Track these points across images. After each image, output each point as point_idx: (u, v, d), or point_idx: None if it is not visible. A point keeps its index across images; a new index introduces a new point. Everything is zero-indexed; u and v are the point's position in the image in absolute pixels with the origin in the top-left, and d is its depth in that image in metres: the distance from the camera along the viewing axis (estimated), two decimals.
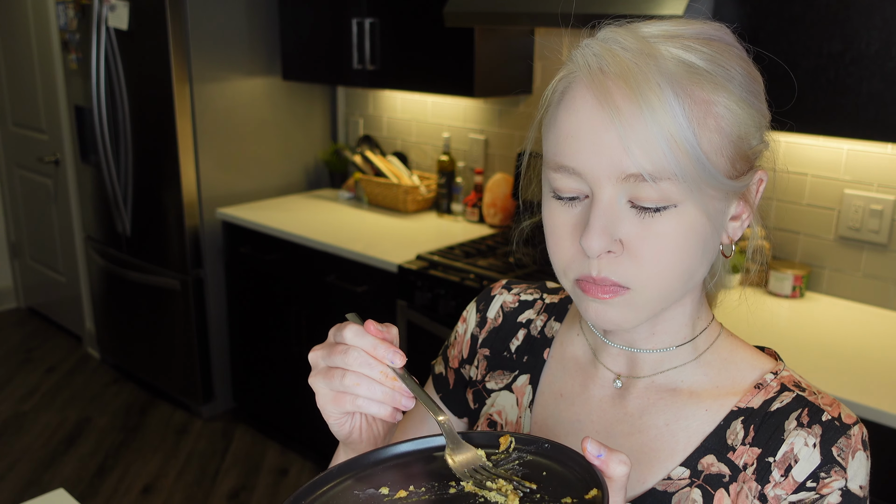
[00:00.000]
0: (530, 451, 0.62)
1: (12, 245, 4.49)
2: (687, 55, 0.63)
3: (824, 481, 0.67)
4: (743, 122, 0.65)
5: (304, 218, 2.99)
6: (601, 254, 0.65)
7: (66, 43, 3.38)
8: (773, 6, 1.83)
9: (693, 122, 0.61)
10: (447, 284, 2.32)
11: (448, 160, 3.00)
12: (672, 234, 0.64)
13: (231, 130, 3.15)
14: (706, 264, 0.69)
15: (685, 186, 0.62)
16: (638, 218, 0.64)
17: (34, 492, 2.82)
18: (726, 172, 0.64)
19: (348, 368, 0.66)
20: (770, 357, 0.78)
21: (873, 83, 1.72)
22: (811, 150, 2.16)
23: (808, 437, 0.68)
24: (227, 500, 2.81)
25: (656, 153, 0.61)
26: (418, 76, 2.72)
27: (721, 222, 0.68)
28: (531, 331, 0.87)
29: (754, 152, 0.67)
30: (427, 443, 0.66)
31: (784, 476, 0.68)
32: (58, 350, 4.04)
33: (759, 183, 0.70)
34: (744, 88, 0.65)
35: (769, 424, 0.70)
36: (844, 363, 1.78)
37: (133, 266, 3.38)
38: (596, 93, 0.63)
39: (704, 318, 0.77)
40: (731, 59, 0.65)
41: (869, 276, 2.13)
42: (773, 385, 0.73)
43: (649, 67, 0.61)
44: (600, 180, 0.64)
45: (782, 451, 0.69)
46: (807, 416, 0.70)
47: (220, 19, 3.01)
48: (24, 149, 4.07)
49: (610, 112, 0.61)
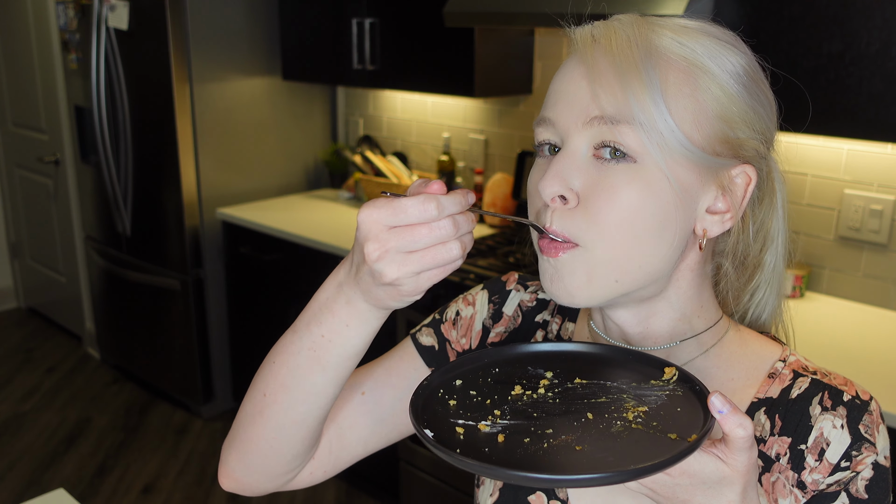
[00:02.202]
0: (686, 387, 0.67)
1: (12, 245, 4.49)
2: (679, 36, 0.66)
3: (857, 459, 0.69)
4: (726, 107, 0.66)
5: (304, 218, 2.99)
6: (554, 199, 0.66)
7: (66, 43, 3.38)
8: (773, 6, 1.83)
9: (667, 84, 0.64)
10: (447, 284, 2.32)
11: (448, 160, 3.00)
12: (626, 188, 0.65)
13: (231, 130, 3.15)
14: (668, 243, 0.67)
15: (645, 138, 0.64)
16: (597, 168, 0.66)
17: (34, 492, 2.82)
18: (696, 143, 0.65)
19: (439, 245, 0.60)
20: (776, 343, 0.79)
21: (873, 83, 1.72)
22: (811, 150, 2.16)
23: (834, 419, 0.70)
24: (227, 500, 2.81)
25: (620, 98, 0.64)
26: (418, 76, 2.72)
27: (691, 201, 0.67)
28: (548, 333, 0.88)
29: (740, 143, 0.68)
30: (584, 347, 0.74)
31: (818, 460, 0.70)
32: (58, 350, 4.04)
33: (747, 181, 0.70)
34: (735, 79, 0.67)
35: (794, 412, 0.72)
36: (844, 363, 1.78)
37: (133, 266, 3.38)
38: (582, 56, 0.68)
39: (710, 318, 0.76)
40: (731, 56, 0.67)
41: (869, 276, 2.13)
42: (785, 373, 0.75)
43: (636, 34, 0.66)
44: (569, 128, 0.67)
45: (813, 437, 0.70)
46: (829, 399, 0.71)
47: (220, 19, 3.01)
48: (24, 149, 4.07)
49: (588, 66, 0.66)
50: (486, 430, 0.63)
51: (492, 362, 0.75)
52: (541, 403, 0.67)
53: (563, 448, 0.60)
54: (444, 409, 0.67)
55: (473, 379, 0.72)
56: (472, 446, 0.61)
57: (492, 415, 0.66)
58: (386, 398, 0.86)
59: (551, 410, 0.66)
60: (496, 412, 0.66)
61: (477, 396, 0.69)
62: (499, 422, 0.65)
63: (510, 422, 0.65)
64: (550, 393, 0.69)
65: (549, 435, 0.62)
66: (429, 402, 0.68)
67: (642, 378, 0.69)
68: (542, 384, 0.70)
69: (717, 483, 0.59)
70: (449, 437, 0.63)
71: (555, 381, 0.71)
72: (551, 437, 0.62)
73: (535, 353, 0.75)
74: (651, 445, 0.60)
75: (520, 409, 0.66)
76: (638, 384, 0.68)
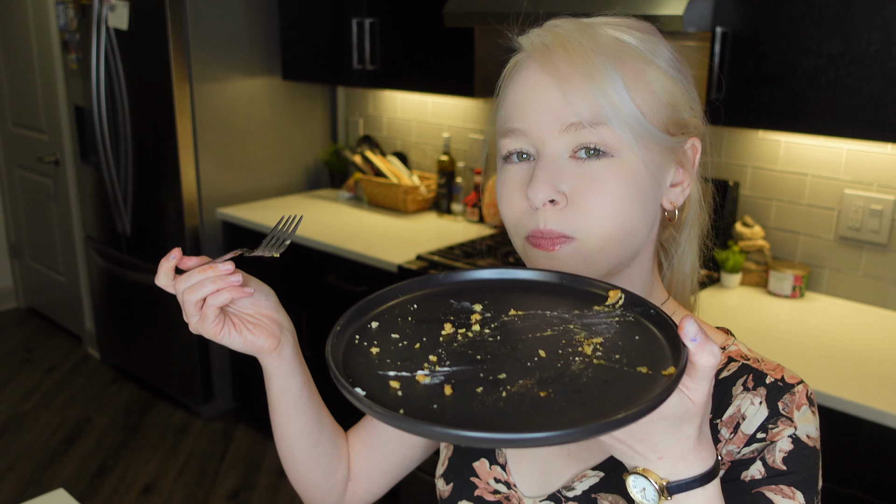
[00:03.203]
0: (636, 311, 0.61)
1: (12, 245, 4.49)
2: (620, 34, 0.72)
3: (773, 431, 0.71)
4: (673, 92, 0.73)
5: (305, 218, 2.99)
6: (546, 203, 0.70)
7: (66, 43, 3.38)
8: (773, 6, 1.83)
9: (627, 82, 0.69)
10: None
11: (448, 160, 3.00)
12: (611, 180, 0.70)
13: (231, 130, 3.15)
14: (647, 221, 0.74)
15: (622, 133, 0.69)
16: (579, 168, 0.70)
17: (34, 492, 2.82)
18: (659, 128, 0.72)
19: (183, 299, 0.76)
20: (723, 333, 0.82)
21: (873, 83, 1.72)
22: (811, 150, 2.16)
23: (753, 397, 0.73)
24: (227, 500, 2.81)
25: (594, 102, 0.68)
26: (418, 76, 2.72)
27: (661, 180, 0.74)
28: None
29: (686, 123, 0.75)
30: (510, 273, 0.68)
31: (733, 433, 0.72)
32: (58, 350, 4.04)
33: (695, 151, 0.77)
34: (671, 66, 0.73)
35: (717, 391, 0.74)
36: (844, 363, 1.78)
37: (133, 266, 3.38)
38: (540, 63, 0.71)
39: (657, 296, 0.81)
40: (658, 45, 0.74)
41: (869, 276, 2.13)
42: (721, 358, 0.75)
43: (585, 39, 0.70)
44: (544, 136, 0.71)
45: (728, 413, 0.73)
46: (752, 380, 0.74)
47: (219, 19, 3.01)
48: (24, 149, 4.07)
49: (552, 74, 0.70)
50: (426, 382, 0.53)
51: (408, 298, 0.66)
52: (480, 343, 0.58)
53: (525, 395, 0.52)
54: (366, 358, 0.56)
55: (391, 320, 0.62)
56: (416, 404, 0.51)
57: (427, 361, 0.56)
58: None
59: (495, 350, 0.57)
60: (431, 358, 0.56)
61: (402, 340, 0.59)
62: (438, 369, 0.55)
63: (452, 368, 0.55)
64: (487, 329, 0.60)
65: (504, 381, 0.53)
66: (347, 352, 0.58)
67: (583, 304, 0.62)
68: (473, 319, 0.62)
69: (677, 419, 0.56)
70: (383, 394, 0.52)
71: (486, 314, 0.62)
72: (507, 382, 0.53)
73: (456, 282, 0.66)
74: (624, 383, 0.53)
75: (458, 352, 0.57)
76: (581, 312, 0.61)
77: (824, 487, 1.66)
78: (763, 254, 2.23)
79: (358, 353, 0.57)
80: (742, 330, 1.96)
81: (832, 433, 1.64)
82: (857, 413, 1.59)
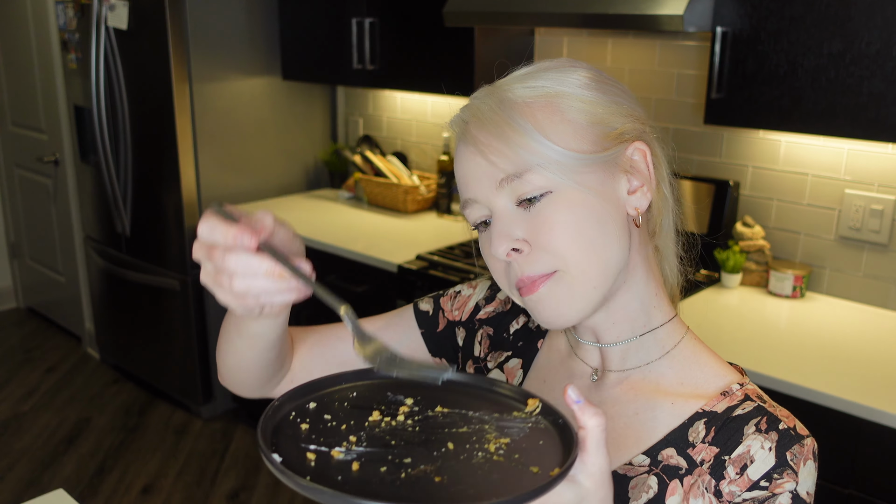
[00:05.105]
0: (548, 420, 0.67)
1: (12, 245, 4.49)
2: (530, 84, 0.77)
3: (777, 482, 0.72)
4: (592, 112, 0.76)
5: (304, 218, 2.99)
6: (509, 254, 0.75)
7: (66, 43, 3.38)
8: (773, 6, 1.83)
9: (539, 123, 0.74)
10: (447, 284, 2.32)
11: (448, 160, 3.00)
12: (559, 215, 0.74)
13: (231, 130, 3.14)
14: (615, 236, 0.76)
15: (547, 172, 0.73)
16: (528, 214, 0.75)
17: (34, 492, 2.82)
18: (587, 150, 0.75)
19: (234, 273, 0.64)
20: (737, 371, 0.83)
21: (874, 83, 1.72)
22: (812, 150, 2.16)
23: (764, 441, 0.74)
24: (226, 501, 2.81)
25: (512, 155, 0.74)
26: (418, 76, 2.72)
27: (611, 193, 0.76)
28: (529, 322, 0.95)
29: (618, 131, 0.77)
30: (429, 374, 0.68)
31: (739, 474, 0.73)
32: (57, 350, 4.04)
33: (644, 154, 0.78)
34: (586, 88, 0.77)
35: (729, 428, 0.76)
36: (844, 363, 1.78)
37: (133, 266, 3.37)
38: (463, 138, 0.79)
39: (662, 312, 0.83)
40: (574, 74, 0.78)
41: (869, 276, 2.13)
42: (738, 394, 0.78)
43: (493, 101, 0.76)
44: (488, 198, 0.76)
45: (738, 452, 0.74)
46: (765, 423, 0.75)
47: (219, 19, 3.01)
48: (24, 149, 4.07)
49: (473, 144, 0.77)
50: (339, 457, 0.61)
51: (350, 386, 0.72)
52: (399, 431, 0.65)
53: (421, 479, 0.59)
54: (294, 432, 0.64)
55: (329, 403, 0.69)
56: (323, 473, 0.58)
57: (346, 441, 0.63)
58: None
59: (410, 439, 0.64)
60: (351, 438, 0.64)
61: (332, 421, 0.66)
62: (354, 448, 0.62)
63: (366, 449, 0.62)
64: (410, 420, 0.67)
65: (408, 464, 0.60)
66: (280, 426, 0.65)
67: (505, 409, 0.69)
68: (401, 411, 0.69)
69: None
70: (299, 463, 0.60)
71: (415, 408, 0.69)
72: (409, 466, 0.60)
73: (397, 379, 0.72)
74: (512, 478, 0.59)
75: (377, 437, 0.64)
76: (500, 415, 0.68)
77: (824, 487, 1.66)
78: (763, 254, 2.23)
79: (290, 427, 0.65)
80: (742, 330, 1.96)
81: (832, 433, 1.64)
82: (857, 413, 1.59)
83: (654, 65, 2.43)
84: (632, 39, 2.47)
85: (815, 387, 1.64)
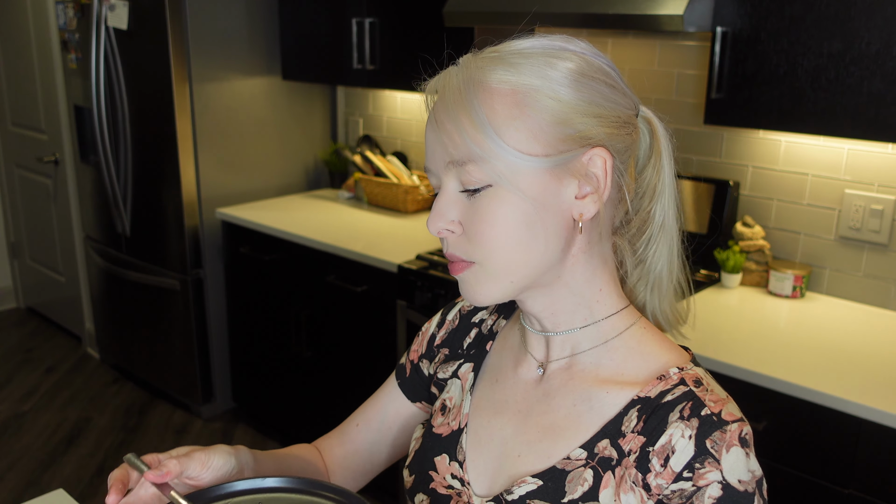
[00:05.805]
0: None
1: (12, 245, 4.49)
2: (507, 69, 0.75)
3: (699, 472, 0.70)
4: (560, 111, 0.74)
5: (304, 218, 2.99)
6: (442, 232, 0.78)
7: (66, 42, 3.38)
8: (773, 6, 1.83)
9: (495, 115, 0.73)
10: (447, 284, 2.32)
11: None
12: (491, 211, 0.75)
13: (231, 130, 3.14)
14: (544, 240, 0.76)
15: (490, 168, 0.73)
16: (468, 201, 0.77)
17: (34, 492, 2.82)
18: (538, 153, 0.73)
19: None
20: (683, 352, 0.82)
21: (874, 83, 1.72)
22: (812, 149, 2.16)
23: (685, 429, 0.72)
24: None
25: (460, 143, 0.74)
26: (418, 76, 2.71)
27: (553, 198, 0.75)
28: (482, 329, 0.96)
29: (581, 134, 0.75)
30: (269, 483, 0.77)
31: (663, 466, 0.72)
32: (58, 350, 4.04)
33: (603, 162, 0.76)
34: (566, 85, 0.74)
35: (657, 416, 0.75)
36: (844, 363, 1.78)
37: (133, 266, 3.37)
38: (430, 109, 0.80)
39: (607, 305, 0.82)
40: (558, 66, 0.75)
41: (869, 276, 2.13)
42: (673, 378, 0.77)
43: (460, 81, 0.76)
44: (440, 173, 0.78)
45: (661, 442, 0.73)
46: (689, 409, 0.73)
47: (219, 19, 3.01)
48: (24, 148, 4.07)
49: (434, 118, 0.78)
50: None
51: None
52: None
53: None
54: None
55: None
56: None
57: None
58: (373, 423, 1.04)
59: None
60: None
61: None
62: None
63: None
64: None
65: None
66: None
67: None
68: None
69: None
70: None
71: None
72: None
73: (233, 492, 0.77)
74: None
75: None
76: None
77: (825, 487, 1.66)
78: (763, 254, 2.23)
79: None
80: (742, 330, 1.96)
81: (832, 433, 1.64)
82: (857, 413, 1.59)
83: (653, 65, 2.43)
84: (632, 39, 2.47)
85: (815, 387, 1.64)
